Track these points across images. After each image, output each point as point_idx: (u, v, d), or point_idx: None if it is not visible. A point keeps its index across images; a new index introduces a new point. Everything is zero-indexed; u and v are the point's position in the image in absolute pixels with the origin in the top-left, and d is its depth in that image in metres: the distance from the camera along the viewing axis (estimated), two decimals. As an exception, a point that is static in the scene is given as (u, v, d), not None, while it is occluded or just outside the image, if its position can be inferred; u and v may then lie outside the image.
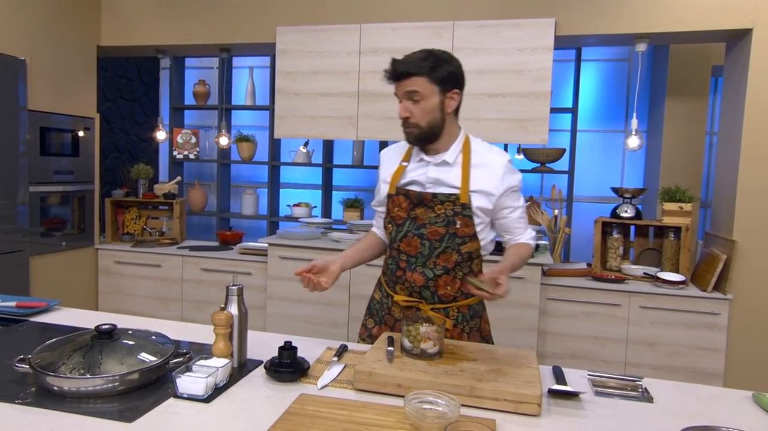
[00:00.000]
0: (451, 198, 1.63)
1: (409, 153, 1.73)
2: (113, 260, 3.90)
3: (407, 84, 1.58)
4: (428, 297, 1.69)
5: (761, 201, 3.04)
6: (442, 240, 1.64)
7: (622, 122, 4.62)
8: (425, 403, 1.15)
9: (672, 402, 1.32)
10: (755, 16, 3.02)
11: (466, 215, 1.63)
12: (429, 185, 1.66)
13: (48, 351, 1.36)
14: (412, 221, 1.67)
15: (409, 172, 1.70)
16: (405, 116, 1.61)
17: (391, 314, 1.76)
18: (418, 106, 1.59)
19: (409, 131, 1.63)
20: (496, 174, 1.64)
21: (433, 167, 1.67)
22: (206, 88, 4.79)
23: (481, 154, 1.67)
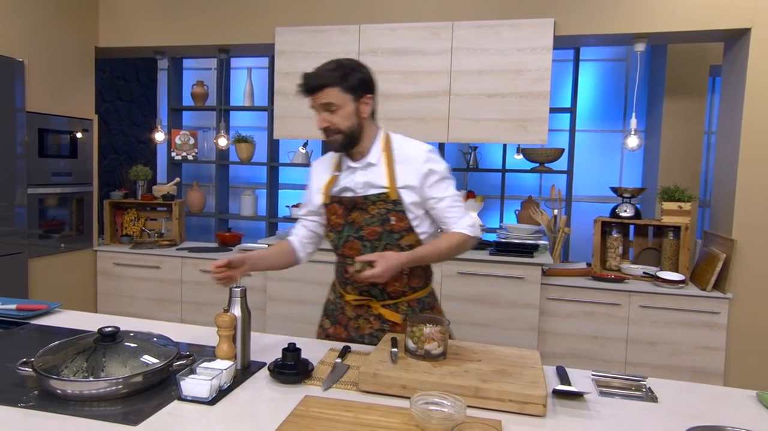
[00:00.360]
0: (382, 197, 1.69)
1: (339, 163, 1.78)
2: (112, 261, 3.89)
3: (321, 96, 1.63)
4: (377, 295, 1.75)
5: (760, 200, 3.05)
6: (380, 238, 1.70)
7: (620, 121, 4.63)
8: (431, 404, 1.15)
9: (676, 402, 1.32)
10: (753, 15, 3.03)
11: (399, 210, 1.69)
12: (359, 189, 1.72)
13: (51, 354, 1.35)
14: (350, 225, 1.73)
15: (340, 180, 1.76)
16: (324, 126, 1.66)
17: (344, 314, 1.81)
18: (336, 116, 1.64)
19: (333, 139, 1.67)
20: (415, 166, 1.70)
21: (360, 172, 1.73)
22: (204, 89, 4.78)
23: (401, 150, 1.73)
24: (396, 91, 3.39)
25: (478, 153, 4.37)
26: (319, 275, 3.46)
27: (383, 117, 3.43)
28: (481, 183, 4.69)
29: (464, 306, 3.28)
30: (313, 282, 3.48)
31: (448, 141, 3.40)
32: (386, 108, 3.40)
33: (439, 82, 3.32)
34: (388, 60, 3.39)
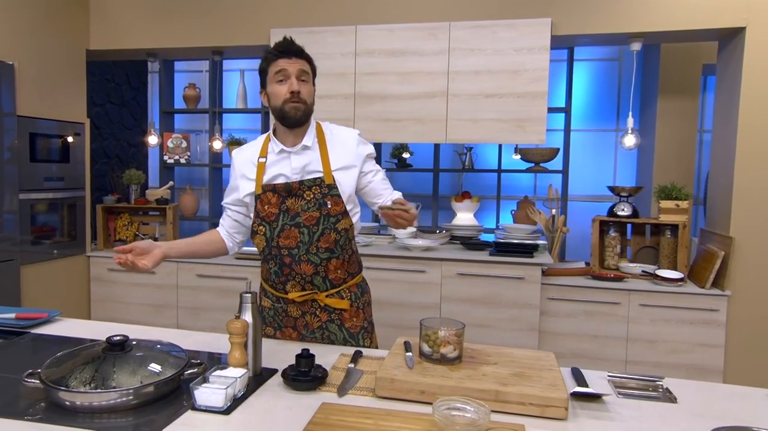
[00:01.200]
0: (317, 182, 1.69)
1: (265, 149, 1.75)
2: (106, 267, 3.83)
3: (302, 63, 1.67)
4: (320, 284, 1.74)
5: (758, 198, 3.07)
6: (318, 223, 1.69)
7: (613, 120, 4.65)
8: (453, 410, 1.13)
9: (696, 402, 1.31)
10: (748, 14, 3.05)
11: (335, 194, 1.70)
12: (294, 174, 1.70)
13: (57, 364, 1.31)
14: (285, 213, 1.70)
15: (270, 167, 1.72)
16: (298, 89, 1.65)
17: (289, 316, 1.79)
18: (305, 86, 1.68)
19: (298, 105, 1.66)
20: (350, 147, 1.75)
21: (294, 156, 1.71)
22: (196, 91, 4.73)
23: (333, 133, 1.77)
24: (393, 92, 3.37)
25: (473, 154, 4.37)
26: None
27: (381, 118, 3.43)
28: (476, 184, 4.69)
29: (465, 307, 3.27)
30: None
31: (447, 142, 3.39)
32: (383, 109, 3.39)
33: (437, 83, 3.31)
34: (385, 61, 3.37)
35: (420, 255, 3.34)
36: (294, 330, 1.80)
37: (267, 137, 1.80)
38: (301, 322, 1.78)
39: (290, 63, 1.65)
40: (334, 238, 1.71)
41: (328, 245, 1.71)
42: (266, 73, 1.71)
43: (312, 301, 1.76)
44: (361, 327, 1.81)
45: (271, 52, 1.68)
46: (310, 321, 1.77)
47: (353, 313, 1.79)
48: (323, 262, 1.72)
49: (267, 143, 1.78)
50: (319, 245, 1.70)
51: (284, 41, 1.68)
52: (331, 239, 1.71)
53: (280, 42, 1.68)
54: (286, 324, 1.80)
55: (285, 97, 1.65)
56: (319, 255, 1.71)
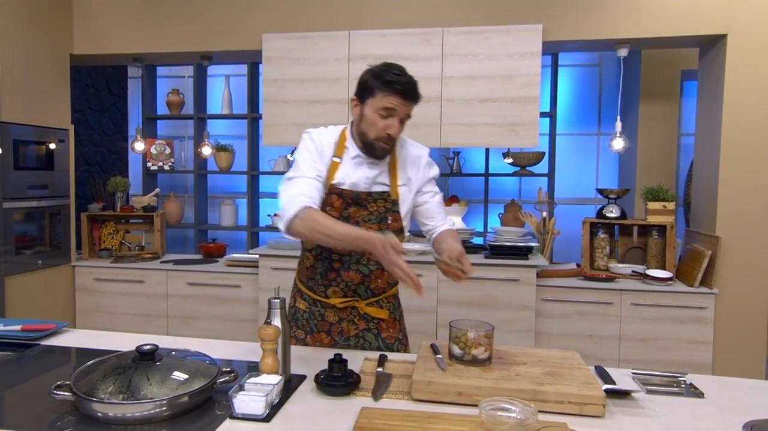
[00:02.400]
0: (384, 196, 1.70)
1: (341, 148, 1.71)
2: (92, 277, 3.73)
3: (411, 108, 1.64)
4: (362, 293, 1.74)
5: (742, 198, 3.17)
6: None
7: (594, 125, 4.75)
8: (498, 410, 1.14)
9: (722, 397, 1.35)
10: (729, 22, 3.16)
11: (396, 210, 1.71)
12: (364, 184, 1.69)
13: (85, 375, 1.28)
14: (346, 220, 1.67)
15: (342, 171, 1.69)
16: (397, 133, 1.63)
17: (325, 320, 1.77)
18: (402, 126, 1.66)
19: (388, 148, 1.65)
20: (419, 166, 1.77)
21: (367, 167, 1.69)
22: (180, 97, 4.66)
23: (405, 149, 1.77)
24: (387, 97, 3.37)
25: (461, 158, 4.41)
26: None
27: (375, 123, 3.43)
28: (462, 188, 4.73)
29: (462, 310, 3.29)
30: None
31: (441, 146, 3.42)
32: (378, 114, 3.39)
33: (431, 88, 3.33)
34: (378, 66, 3.37)
35: (415, 259, 3.34)
36: (328, 335, 1.77)
37: (343, 135, 1.73)
38: (337, 328, 1.76)
39: (403, 105, 1.60)
40: None
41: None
42: (370, 91, 1.62)
43: (352, 308, 1.75)
44: (396, 338, 1.80)
45: (389, 83, 1.58)
46: (346, 328, 1.76)
47: (390, 323, 1.79)
48: (371, 272, 1.72)
49: (343, 141, 1.72)
50: (370, 258, 1.69)
51: (406, 79, 1.60)
52: None
53: (403, 78, 1.59)
54: (320, 329, 1.77)
55: (381, 134, 1.61)
56: (369, 266, 1.72)
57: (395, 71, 1.61)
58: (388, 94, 1.59)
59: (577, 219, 4.43)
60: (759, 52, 3.12)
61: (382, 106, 1.60)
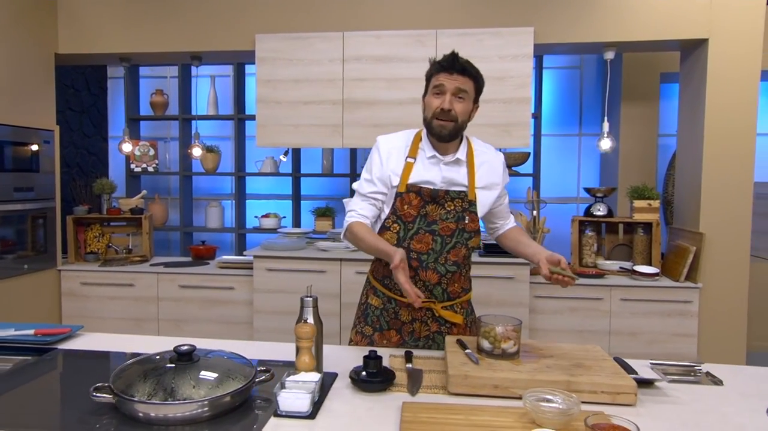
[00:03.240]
0: (461, 195, 1.72)
1: (415, 149, 1.75)
2: (79, 281, 3.65)
3: (462, 81, 1.66)
4: (439, 295, 1.75)
5: (724, 196, 3.30)
6: (453, 235, 1.71)
7: (575, 126, 4.87)
8: (541, 401, 1.18)
9: (740, 384, 1.42)
10: (710, 27, 3.29)
11: (473, 211, 1.73)
12: (441, 183, 1.72)
13: (124, 377, 1.27)
14: (423, 218, 1.71)
15: (418, 170, 1.73)
16: (449, 108, 1.65)
17: (398, 319, 1.78)
18: (460, 105, 1.67)
19: (446, 123, 1.67)
20: (497, 170, 1.81)
21: (444, 166, 1.73)
22: (164, 98, 4.60)
23: (482, 152, 1.81)
24: (380, 98, 3.40)
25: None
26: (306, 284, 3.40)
27: (369, 124, 3.46)
28: (449, 188, 4.78)
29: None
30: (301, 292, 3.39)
31: (435, 147, 3.46)
32: (372, 115, 3.42)
33: (425, 89, 3.37)
34: (372, 67, 3.40)
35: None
36: (398, 334, 1.77)
37: (418, 136, 1.78)
38: (408, 328, 1.76)
39: (449, 79, 1.65)
40: (463, 253, 1.74)
41: (456, 258, 1.73)
42: (427, 80, 1.73)
43: (427, 309, 1.75)
44: None
45: (435, 64, 1.70)
46: (418, 329, 1.76)
47: (462, 329, 1.79)
48: (448, 274, 1.73)
49: (417, 142, 1.77)
50: (448, 257, 1.72)
51: (449, 55, 1.67)
52: (461, 254, 1.73)
53: (446, 56, 1.68)
54: (391, 326, 1.78)
55: (435, 111, 1.67)
56: (447, 267, 1.73)
57: (444, 55, 1.69)
58: (435, 73, 1.69)
59: (560, 218, 4.54)
60: (739, 56, 3.25)
61: (432, 86, 1.69)
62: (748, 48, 3.24)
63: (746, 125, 3.28)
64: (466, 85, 1.67)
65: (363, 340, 1.83)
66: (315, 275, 3.41)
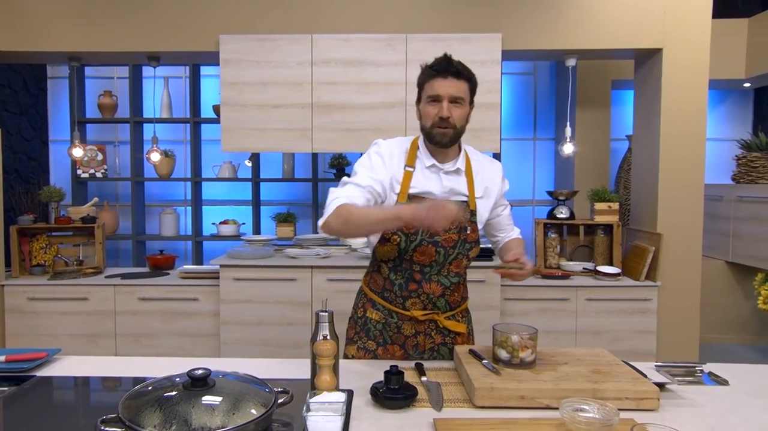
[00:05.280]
0: (463, 206, 1.67)
1: (413, 157, 1.70)
2: (25, 296, 3.38)
3: (457, 86, 1.63)
4: (442, 307, 1.73)
5: (680, 198, 3.46)
6: (455, 246, 1.68)
7: (530, 130, 5.00)
8: (576, 411, 1.17)
9: (743, 384, 1.47)
10: (663, 37, 3.44)
11: (473, 221, 1.71)
12: (442, 193, 1.68)
13: (134, 406, 1.16)
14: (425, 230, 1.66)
15: (418, 179, 1.69)
16: (448, 115, 1.61)
17: (401, 333, 1.73)
18: (458, 110, 1.64)
19: (446, 130, 1.63)
20: (495, 179, 1.78)
21: (444, 175, 1.70)
22: (113, 99, 4.36)
23: (479, 161, 1.78)
24: (351, 102, 3.35)
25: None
26: (276, 293, 3.31)
27: (339, 128, 3.40)
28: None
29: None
30: (272, 302, 3.31)
31: (406, 151, 3.44)
32: (342, 119, 3.36)
33: (395, 93, 3.35)
34: (342, 71, 3.34)
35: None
36: (401, 349, 1.72)
37: (414, 144, 1.72)
38: (412, 341, 1.72)
39: (445, 85, 1.61)
40: (465, 264, 1.72)
41: (458, 270, 1.71)
42: (420, 87, 1.68)
43: (431, 321, 1.72)
44: None
45: (427, 69, 1.65)
46: (422, 342, 1.72)
47: (465, 338, 1.78)
48: (452, 285, 1.71)
49: (414, 150, 1.70)
50: (450, 269, 1.69)
51: (442, 59, 1.63)
52: (462, 265, 1.71)
53: (438, 59, 1.63)
54: (394, 341, 1.72)
55: (434, 120, 1.63)
56: (450, 278, 1.70)
57: (436, 59, 1.65)
58: (428, 79, 1.65)
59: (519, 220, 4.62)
60: (690, 65, 3.42)
61: (428, 95, 1.65)
62: (697, 58, 3.42)
63: (697, 130, 3.46)
64: (462, 89, 1.64)
65: (366, 355, 1.76)
66: (285, 284, 3.31)
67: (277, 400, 1.24)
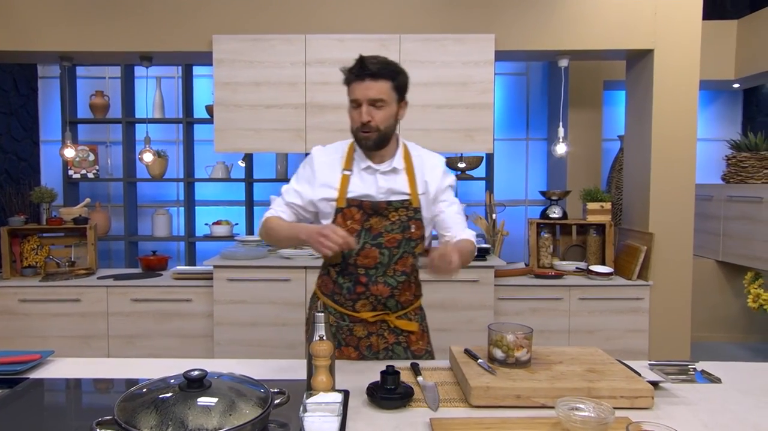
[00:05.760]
0: (405, 204, 1.67)
1: (349, 160, 1.70)
2: (17, 298, 3.36)
3: (374, 88, 1.58)
4: (392, 306, 1.72)
5: (671, 198, 3.49)
6: (399, 246, 1.67)
7: (522, 130, 5.01)
8: (572, 410, 1.18)
9: (734, 381, 1.49)
10: (655, 38, 3.47)
11: (418, 218, 1.69)
12: (381, 194, 1.67)
13: (130, 408, 1.16)
14: (367, 232, 1.66)
15: (355, 181, 1.68)
16: (367, 119, 1.59)
17: (353, 335, 1.73)
18: (380, 112, 1.60)
19: (368, 135, 1.61)
20: (435, 174, 1.73)
21: (380, 176, 1.68)
22: (105, 99, 4.34)
23: (421, 157, 1.75)
24: (344, 102, 3.33)
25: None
26: (270, 293, 3.31)
27: (333, 128, 3.40)
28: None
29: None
30: (266, 302, 3.31)
31: (400, 152, 3.45)
32: (336, 119, 3.36)
33: (389, 94, 3.35)
34: (335, 71, 3.28)
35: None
36: (356, 350, 1.72)
37: (350, 147, 1.72)
38: (365, 343, 1.72)
39: (362, 88, 1.59)
40: (411, 262, 1.70)
41: (404, 268, 1.69)
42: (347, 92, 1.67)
43: (381, 322, 1.72)
44: (425, 350, 1.78)
45: (345, 72, 1.63)
46: (375, 342, 1.72)
47: (419, 336, 1.77)
48: (399, 285, 1.69)
49: (351, 153, 1.71)
50: (396, 269, 1.68)
51: (357, 61, 1.60)
52: (408, 263, 1.69)
53: (354, 62, 1.60)
54: (347, 343, 1.73)
55: (357, 124, 1.62)
56: (396, 278, 1.68)
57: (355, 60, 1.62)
58: (349, 83, 1.64)
59: (511, 220, 4.65)
60: (681, 66, 3.45)
61: (350, 100, 1.64)
62: (688, 59, 3.45)
63: (688, 130, 3.49)
64: (382, 90, 1.59)
65: None
66: (279, 284, 3.30)
67: (273, 401, 1.24)
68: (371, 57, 1.60)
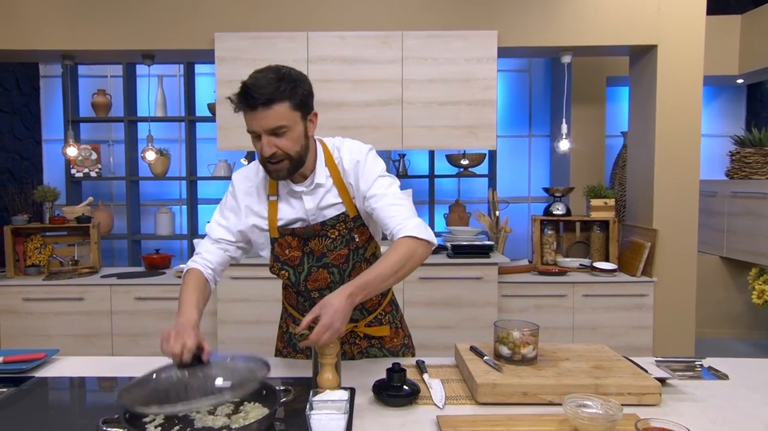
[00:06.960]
0: (340, 218, 1.53)
1: (274, 185, 1.54)
2: (20, 297, 3.36)
3: (269, 116, 1.36)
4: (358, 316, 1.63)
5: (675, 194, 3.48)
6: (348, 260, 1.55)
7: (525, 127, 5.00)
8: (579, 407, 1.18)
9: (741, 377, 1.48)
10: (658, 34, 3.46)
11: (360, 224, 1.55)
12: (311, 216, 1.52)
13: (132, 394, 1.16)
14: (309, 255, 1.53)
15: (283, 207, 1.54)
16: (272, 152, 1.38)
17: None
18: (284, 139, 1.39)
19: (278, 167, 1.42)
20: (358, 171, 1.51)
21: (306, 197, 1.52)
22: (107, 98, 4.33)
23: (341, 158, 1.54)
24: (347, 100, 3.35)
25: (406, 160, 4.46)
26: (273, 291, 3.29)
27: (336, 126, 3.38)
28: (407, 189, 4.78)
29: (428, 311, 3.33)
30: (269, 300, 3.30)
31: (403, 148, 3.44)
32: (339, 116, 3.35)
33: (392, 91, 3.35)
34: (338, 68, 3.34)
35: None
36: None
37: None
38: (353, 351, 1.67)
39: (257, 119, 1.37)
40: (365, 268, 1.52)
41: None
42: None
43: (350, 332, 1.64)
44: (402, 344, 1.72)
45: (235, 102, 1.40)
46: (348, 350, 1.66)
47: (393, 334, 1.69)
48: None
49: None
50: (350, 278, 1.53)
51: (241, 90, 1.38)
52: (362, 270, 1.50)
53: (240, 90, 1.38)
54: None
55: (262, 159, 1.43)
56: None
57: (240, 89, 1.39)
58: (244, 116, 1.42)
59: (514, 217, 4.65)
60: (685, 62, 3.44)
61: (247, 130, 1.43)
62: (691, 54, 3.44)
63: (692, 126, 3.47)
64: (279, 115, 1.37)
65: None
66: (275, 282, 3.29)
67: (280, 398, 1.24)
68: (257, 80, 1.38)
